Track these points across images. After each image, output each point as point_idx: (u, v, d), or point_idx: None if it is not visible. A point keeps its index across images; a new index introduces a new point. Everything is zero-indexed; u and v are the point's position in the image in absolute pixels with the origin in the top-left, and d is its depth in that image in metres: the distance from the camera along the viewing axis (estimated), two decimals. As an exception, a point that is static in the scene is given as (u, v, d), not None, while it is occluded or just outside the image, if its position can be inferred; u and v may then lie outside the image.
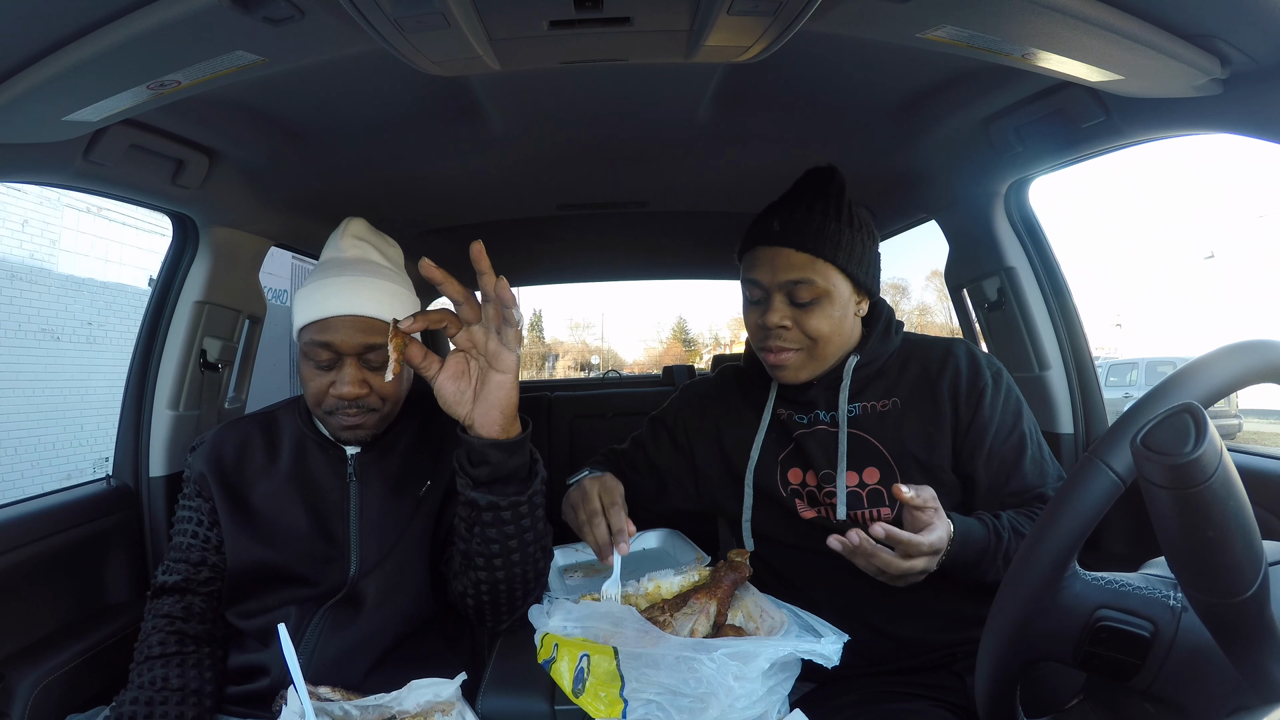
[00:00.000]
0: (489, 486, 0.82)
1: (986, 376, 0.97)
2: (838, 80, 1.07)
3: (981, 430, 0.94)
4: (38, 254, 7.01)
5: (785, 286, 0.95)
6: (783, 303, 0.96)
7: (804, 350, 0.98)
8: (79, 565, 1.23)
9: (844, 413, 0.99)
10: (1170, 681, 0.55)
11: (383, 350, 0.96)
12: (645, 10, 0.68)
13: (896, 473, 0.95)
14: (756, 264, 0.98)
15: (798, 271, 0.94)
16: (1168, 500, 0.46)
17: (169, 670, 0.91)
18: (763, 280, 0.97)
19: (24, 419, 6.74)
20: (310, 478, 1.01)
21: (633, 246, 2.25)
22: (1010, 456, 0.94)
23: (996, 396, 0.96)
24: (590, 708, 0.71)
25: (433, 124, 1.17)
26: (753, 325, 1.01)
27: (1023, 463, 0.94)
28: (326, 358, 0.95)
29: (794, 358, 0.98)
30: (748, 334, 1.05)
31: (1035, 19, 0.68)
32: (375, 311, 0.96)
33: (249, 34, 0.68)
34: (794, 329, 0.96)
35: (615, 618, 0.79)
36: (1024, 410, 0.97)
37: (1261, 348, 0.54)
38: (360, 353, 0.95)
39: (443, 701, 0.78)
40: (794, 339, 0.97)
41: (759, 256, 0.98)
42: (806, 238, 0.94)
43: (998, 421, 0.94)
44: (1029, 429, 0.96)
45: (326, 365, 0.96)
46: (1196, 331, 22.29)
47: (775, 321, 0.96)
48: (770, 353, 0.99)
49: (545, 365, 31.26)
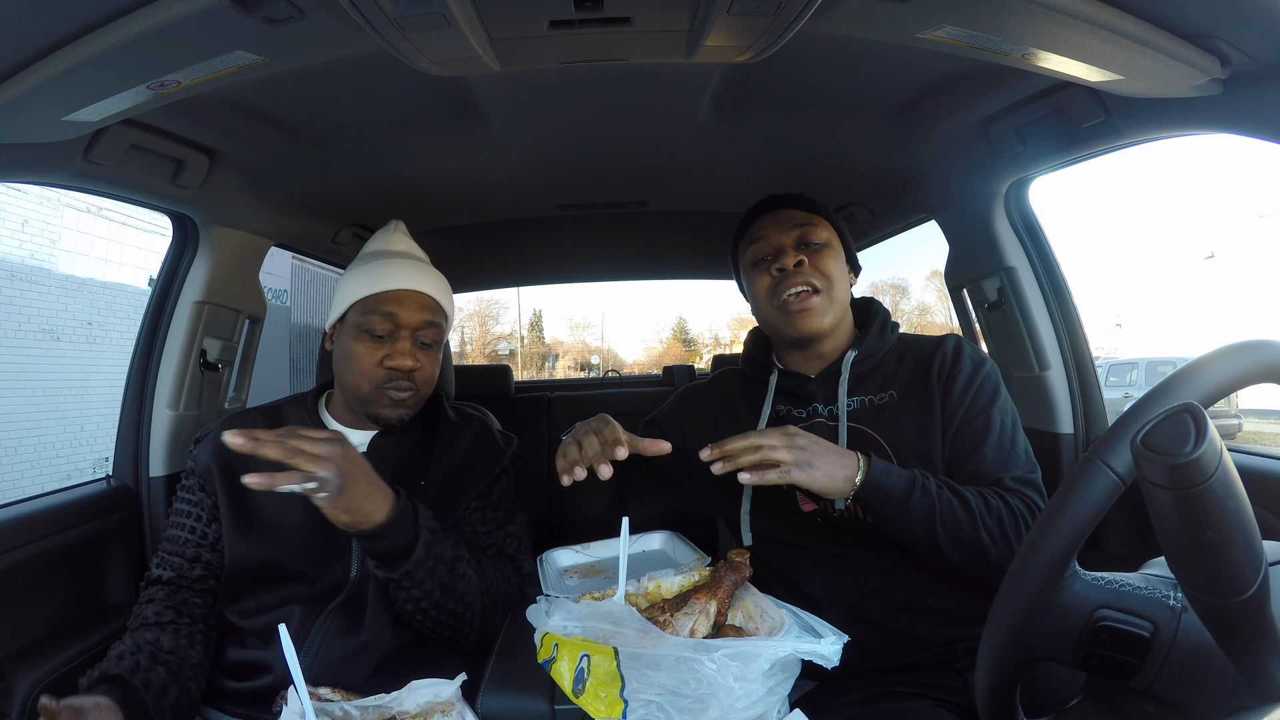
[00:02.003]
0: (374, 562, 0.89)
1: (965, 363, 0.99)
2: (838, 80, 1.07)
3: (952, 411, 0.96)
4: (38, 254, 7.01)
5: (793, 232, 1.04)
6: (793, 249, 1.03)
7: (823, 293, 1.01)
8: (79, 565, 1.23)
9: (843, 406, 1.00)
10: (1170, 681, 0.55)
11: (435, 330, 1.04)
12: (645, 10, 0.68)
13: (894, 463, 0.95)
14: (761, 227, 1.07)
15: (803, 219, 1.05)
16: (1168, 500, 0.46)
17: (161, 635, 0.90)
18: (771, 235, 1.05)
19: (24, 419, 6.73)
20: None
21: (633, 246, 2.25)
22: (971, 438, 0.94)
23: (972, 381, 0.97)
24: (590, 708, 0.71)
25: (433, 124, 1.18)
26: (768, 280, 1.04)
27: (984, 446, 0.93)
28: (386, 328, 1.00)
29: (816, 301, 1.00)
30: (759, 299, 1.07)
31: (1035, 19, 0.68)
32: (434, 292, 1.05)
33: (249, 34, 0.68)
34: (808, 267, 1.01)
35: (615, 618, 0.79)
36: (1000, 400, 0.97)
37: (1261, 348, 0.54)
38: (418, 327, 1.02)
39: (442, 702, 0.78)
40: (812, 277, 1.01)
41: (762, 223, 1.07)
42: (803, 201, 1.09)
43: (967, 403, 0.95)
44: (1001, 418, 0.95)
45: (383, 336, 1.00)
46: (1196, 331, 22.30)
47: (791, 262, 1.01)
48: (794, 298, 1.01)
49: (545, 365, 31.26)
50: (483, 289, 2.78)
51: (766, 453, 0.81)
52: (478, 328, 29.69)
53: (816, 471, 0.81)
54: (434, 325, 1.04)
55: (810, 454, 0.82)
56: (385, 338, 1.00)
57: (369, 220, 1.70)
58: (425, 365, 1.03)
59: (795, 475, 0.81)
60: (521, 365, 28.55)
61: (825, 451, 0.84)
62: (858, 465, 0.84)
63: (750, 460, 0.81)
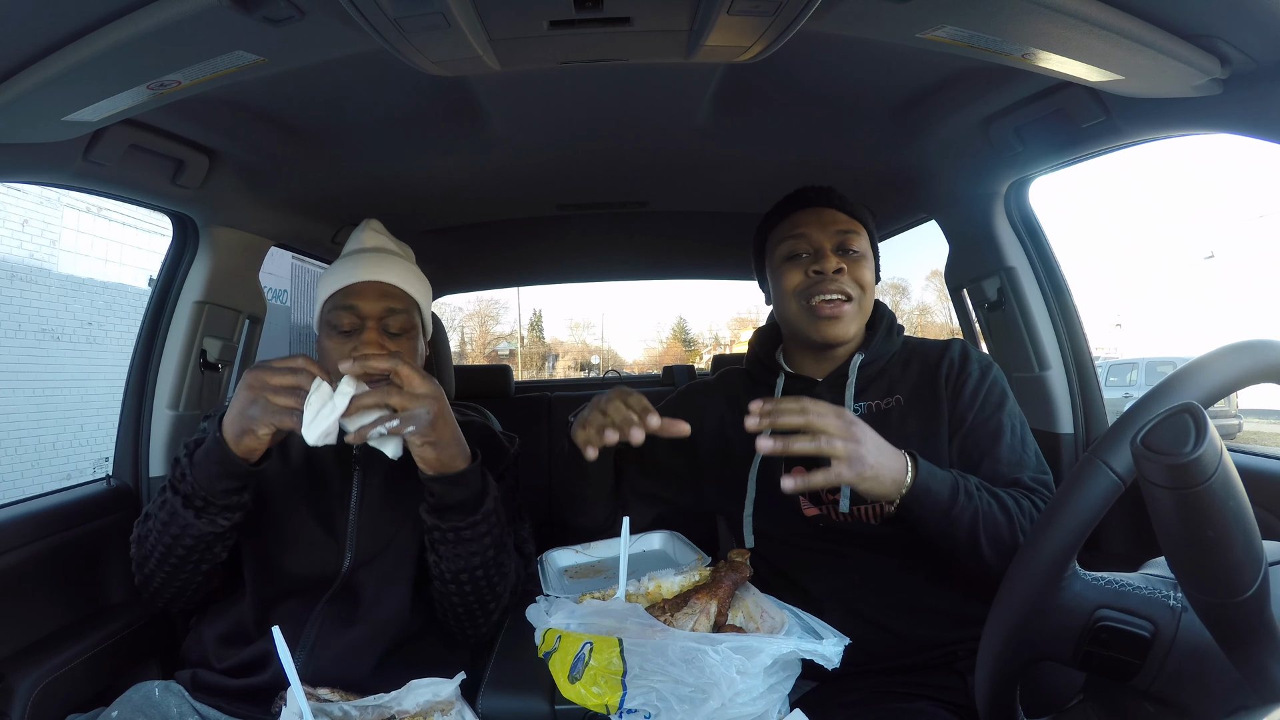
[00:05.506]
0: (438, 514, 0.90)
1: (974, 367, 0.98)
2: (838, 80, 1.07)
3: (962, 415, 0.95)
4: (38, 254, 7.01)
5: (836, 237, 1.01)
6: (835, 254, 1.00)
7: (855, 301, 0.99)
8: (79, 565, 1.22)
9: (850, 409, 0.99)
10: (1170, 681, 0.55)
11: (401, 316, 1.02)
12: (645, 10, 0.68)
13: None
14: (800, 223, 1.03)
15: (846, 225, 1.02)
16: (1168, 500, 0.46)
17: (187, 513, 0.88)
18: (812, 234, 1.02)
19: (24, 419, 6.74)
20: (315, 465, 1.03)
21: (633, 246, 2.25)
22: (984, 441, 0.93)
23: (981, 384, 0.97)
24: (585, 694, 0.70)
25: (433, 124, 1.17)
26: (801, 279, 1.01)
27: (997, 449, 0.92)
28: (349, 321, 1.00)
29: (849, 308, 0.99)
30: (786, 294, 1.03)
31: (1035, 19, 0.68)
32: (395, 279, 1.04)
33: (249, 34, 0.68)
34: (847, 274, 0.99)
35: (619, 615, 0.79)
36: (1009, 403, 0.97)
37: (1261, 348, 0.54)
38: (381, 317, 1.01)
39: (442, 701, 0.78)
40: (848, 285, 0.99)
41: (801, 219, 1.04)
42: (848, 204, 1.05)
43: (978, 406, 0.95)
44: (1011, 420, 0.95)
45: (348, 330, 1.00)
46: (1196, 331, 22.28)
47: (832, 267, 0.98)
48: (826, 304, 0.98)
49: (545, 365, 31.26)
50: (483, 289, 2.79)
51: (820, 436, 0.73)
52: (478, 328, 29.69)
53: (866, 469, 0.74)
54: (398, 312, 1.02)
55: (864, 447, 0.75)
56: (352, 332, 1.00)
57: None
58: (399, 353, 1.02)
59: (844, 475, 0.73)
60: (521, 365, 28.53)
61: (878, 447, 0.77)
62: (906, 466, 0.78)
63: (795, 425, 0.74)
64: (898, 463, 0.78)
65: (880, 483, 0.76)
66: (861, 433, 0.76)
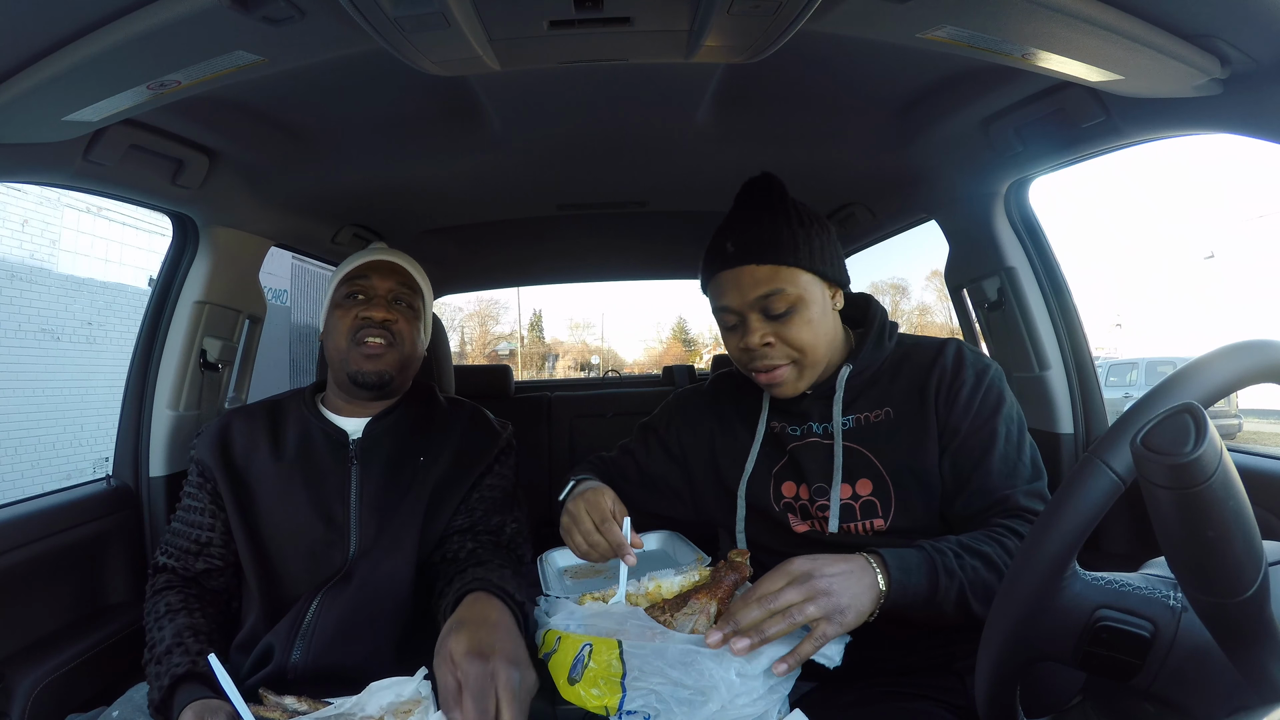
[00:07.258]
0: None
1: (967, 374, 0.94)
2: (838, 80, 1.07)
3: (955, 426, 0.92)
4: (38, 254, 7.01)
5: (757, 304, 0.93)
6: (759, 320, 0.93)
7: (793, 363, 0.95)
8: (79, 565, 1.23)
9: (838, 425, 0.97)
10: (1170, 681, 0.55)
11: (406, 293, 1.12)
12: (645, 10, 0.68)
13: (889, 483, 0.93)
14: (723, 290, 0.96)
15: (765, 285, 0.92)
16: (1168, 500, 0.46)
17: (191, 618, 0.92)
18: (733, 304, 0.95)
19: (24, 419, 6.74)
20: (312, 462, 1.03)
21: (633, 246, 2.25)
22: (976, 450, 0.90)
23: (975, 392, 0.93)
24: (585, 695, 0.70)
25: (433, 124, 1.18)
26: (735, 351, 0.98)
27: (989, 459, 0.89)
28: (359, 294, 1.08)
29: (786, 372, 0.95)
30: (733, 361, 1.02)
31: (1035, 19, 0.68)
32: (403, 263, 1.14)
33: (249, 34, 0.68)
34: (777, 344, 0.94)
35: (619, 617, 0.79)
36: (1005, 407, 0.93)
37: (1261, 348, 0.54)
38: (389, 291, 1.10)
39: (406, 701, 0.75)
40: (780, 354, 0.94)
41: (723, 282, 0.96)
42: (764, 249, 0.92)
43: (971, 415, 0.91)
44: (1006, 425, 0.92)
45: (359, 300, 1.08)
46: (1196, 331, 22.27)
47: (756, 341, 0.93)
48: (761, 373, 0.97)
49: (545, 365, 31.26)
50: (483, 289, 2.79)
51: (794, 614, 0.71)
52: (478, 328, 29.70)
53: (847, 615, 0.72)
54: (405, 289, 1.11)
55: (832, 597, 0.72)
56: (360, 301, 1.08)
57: (369, 220, 1.70)
58: (401, 321, 1.09)
59: (829, 632, 0.72)
60: (521, 365, 28.54)
61: (844, 578, 0.74)
62: (876, 577, 0.76)
63: (779, 630, 0.71)
64: (868, 578, 0.76)
65: (861, 612, 0.74)
66: (823, 584, 0.73)
